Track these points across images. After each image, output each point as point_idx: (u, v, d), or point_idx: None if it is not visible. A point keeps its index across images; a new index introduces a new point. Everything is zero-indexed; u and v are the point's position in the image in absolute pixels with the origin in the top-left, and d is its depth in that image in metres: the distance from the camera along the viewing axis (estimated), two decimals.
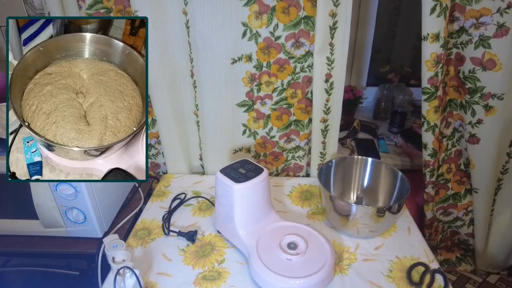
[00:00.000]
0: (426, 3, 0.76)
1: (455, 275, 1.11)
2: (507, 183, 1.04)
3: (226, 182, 0.73)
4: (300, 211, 0.92)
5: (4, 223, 0.83)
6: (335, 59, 0.87)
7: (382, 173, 0.91)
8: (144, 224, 0.88)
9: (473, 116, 0.91)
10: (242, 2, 0.82)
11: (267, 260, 0.68)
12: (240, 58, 0.89)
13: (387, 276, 0.72)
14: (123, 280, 0.64)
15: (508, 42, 0.79)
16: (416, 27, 1.44)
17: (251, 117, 0.99)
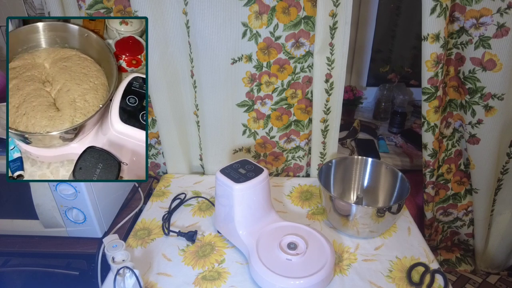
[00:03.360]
0: (426, 3, 0.76)
1: (455, 276, 1.11)
2: (507, 183, 1.04)
3: (226, 182, 0.73)
4: (300, 211, 0.92)
5: (4, 223, 0.83)
6: (335, 59, 0.87)
7: (382, 173, 0.91)
8: (144, 224, 0.88)
9: (473, 116, 0.91)
10: (242, 2, 0.82)
11: (267, 260, 0.68)
12: (240, 58, 0.89)
13: (387, 276, 0.72)
14: (123, 280, 0.64)
15: (508, 43, 0.79)
16: (416, 27, 1.44)
17: (251, 117, 0.99)
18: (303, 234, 0.74)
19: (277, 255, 0.70)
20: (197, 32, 0.85)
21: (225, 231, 0.81)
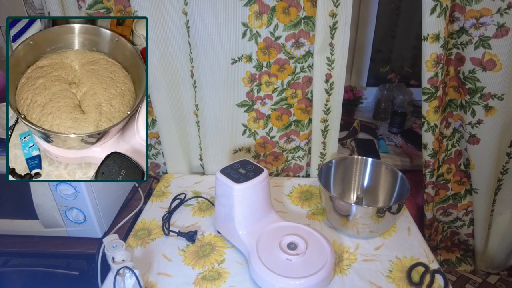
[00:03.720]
0: (426, 3, 0.76)
1: (455, 276, 1.11)
2: (507, 183, 1.04)
3: (226, 182, 0.73)
4: (300, 211, 0.92)
5: (4, 223, 0.83)
6: (335, 59, 0.87)
7: (382, 173, 0.91)
8: (144, 224, 0.88)
9: (473, 116, 0.91)
10: (242, 2, 0.82)
11: (267, 260, 0.68)
12: (240, 58, 0.89)
13: (387, 276, 0.72)
14: (123, 280, 0.64)
15: (508, 43, 0.79)
16: (416, 27, 1.44)
17: (251, 117, 0.99)
18: (303, 234, 0.74)
19: (277, 255, 0.70)
20: (197, 32, 0.85)
21: (225, 231, 0.81)
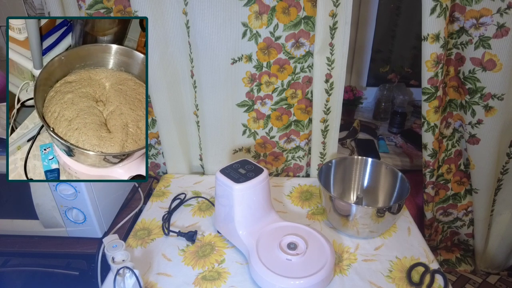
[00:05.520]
0: (426, 3, 0.76)
1: (455, 276, 1.11)
2: (507, 183, 1.04)
3: (226, 182, 0.73)
4: (300, 211, 0.92)
5: (4, 223, 0.83)
6: (335, 59, 0.87)
7: (382, 174, 0.91)
8: (144, 224, 0.88)
9: (473, 116, 0.91)
10: (242, 2, 0.82)
11: (267, 260, 0.68)
12: (240, 58, 0.89)
13: (387, 276, 0.72)
14: (123, 280, 0.64)
15: (508, 43, 0.79)
16: (416, 27, 1.44)
17: (251, 117, 0.99)
18: (303, 234, 0.74)
19: (277, 255, 0.70)
20: (197, 32, 0.85)
21: (225, 231, 0.81)
